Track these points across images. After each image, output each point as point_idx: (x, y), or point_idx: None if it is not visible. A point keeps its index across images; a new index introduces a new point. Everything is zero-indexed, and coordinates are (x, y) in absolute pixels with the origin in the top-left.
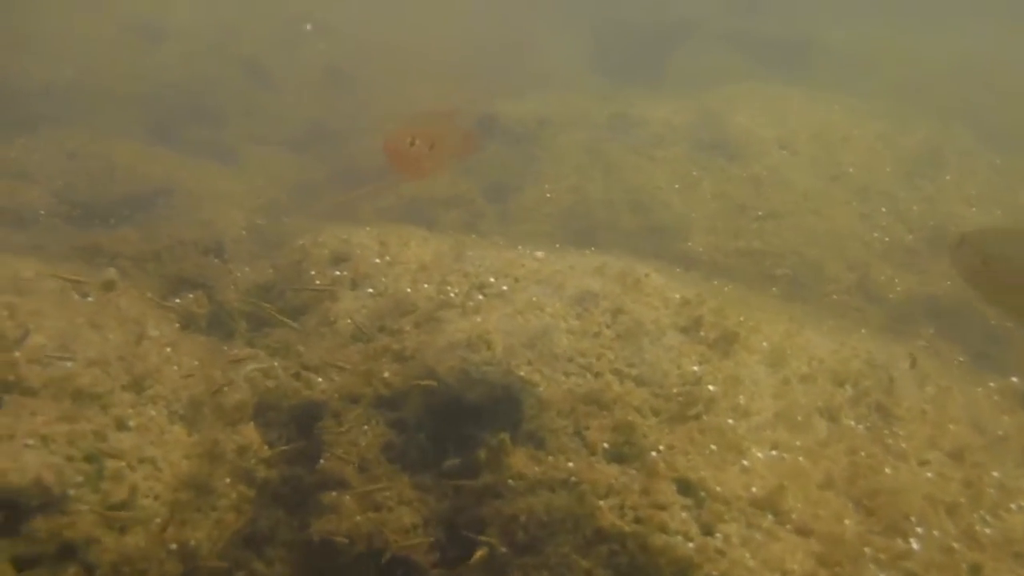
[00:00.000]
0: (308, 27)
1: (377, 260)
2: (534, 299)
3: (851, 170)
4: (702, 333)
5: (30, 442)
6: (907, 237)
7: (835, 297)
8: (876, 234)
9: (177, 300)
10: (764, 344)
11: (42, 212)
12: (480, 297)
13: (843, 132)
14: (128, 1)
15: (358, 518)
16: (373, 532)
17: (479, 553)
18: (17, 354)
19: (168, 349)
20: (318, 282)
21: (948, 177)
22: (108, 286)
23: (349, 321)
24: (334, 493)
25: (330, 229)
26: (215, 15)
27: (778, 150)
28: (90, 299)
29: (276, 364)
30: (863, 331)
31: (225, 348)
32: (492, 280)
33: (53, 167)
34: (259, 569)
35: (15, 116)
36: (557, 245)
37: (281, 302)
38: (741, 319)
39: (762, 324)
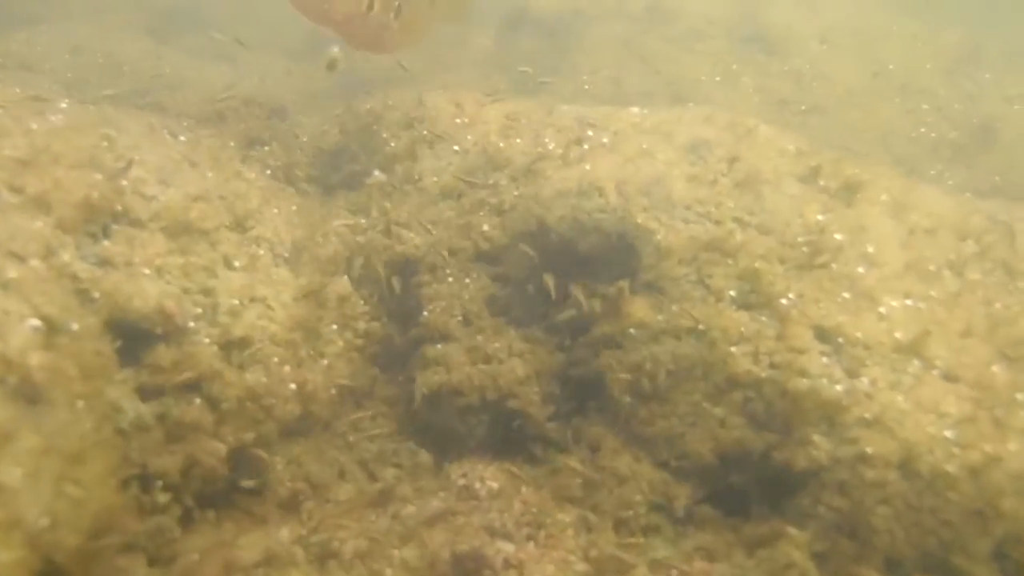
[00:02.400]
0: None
1: (457, 120)
2: (644, 147)
3: (891, 66)
4: (822, 183)
5: (146, 271)
6: (951, 133)
7: None
8: (922, 130)
9: (253, 153)
10: (884, 197)
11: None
12: (584, 147)
13: (882, 28)
14: None
15: (467, 370)
16: (485, 384)
17: None
18: (124, 182)
19: (264, 192)
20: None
21: (987, 75)
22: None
23: (435, 179)
24: (439, 346)
25: (398, 92)
26: None
27: (818, 44)
28: (182, 139)
29: (363, 221)
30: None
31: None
32: (590, 133)
33: (58, 61)
34: (363, 424)
35: (11, 14)
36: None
37: (355, 165)
38: (858, 170)
39: (880, 176)
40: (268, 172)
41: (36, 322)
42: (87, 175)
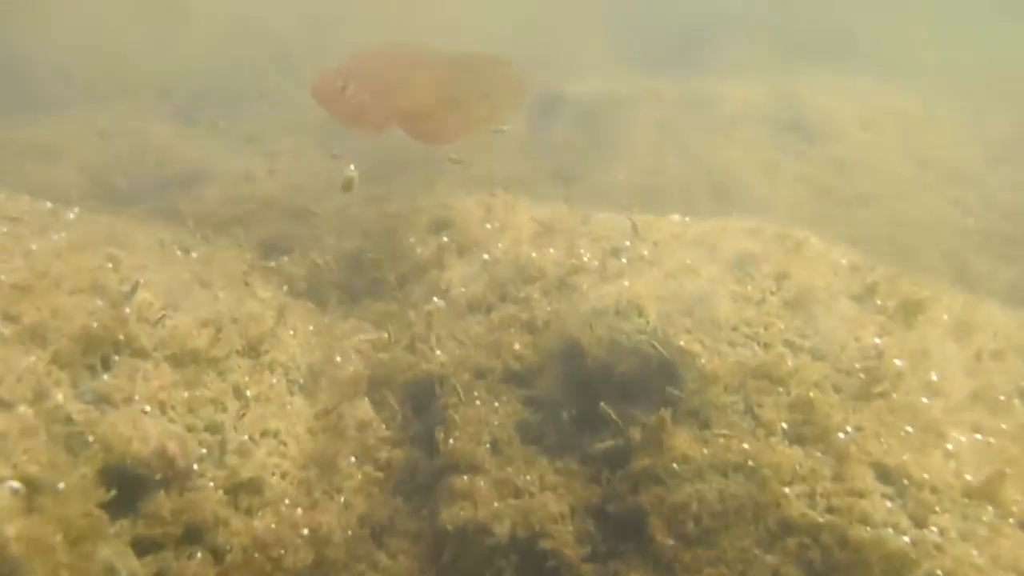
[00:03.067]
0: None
1: (487, 225)
2: (687, 262)
3: (937, 153)
4: (878, 302)
5: (148, 408)
6: (1001, 225)
7: None
8: (971, 221)
9: (272, 264)
10: (945, 316)
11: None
12: (621, 261)
13: (926, 113)
14: None
15: (496, 505)
16: (516, 520)
17: None
18: (127, 310)
19: (280, 310)
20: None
21: None
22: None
23: (463, 289)
24: (465, 477)
25: (425, 195)
26: (246, 5)
27: (860, 131)
28: (194, 255)
29: (386, 336)
30: None
31: (328, 318)
32: (628, 244)
33: (84, 146)
34: (382, 561)
35: (39, 98)
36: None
37: (379, 272)
38: (916, 288)
39: (940, 294)
40: (285, 288)
41: (15, 484)
42: (88, 301)
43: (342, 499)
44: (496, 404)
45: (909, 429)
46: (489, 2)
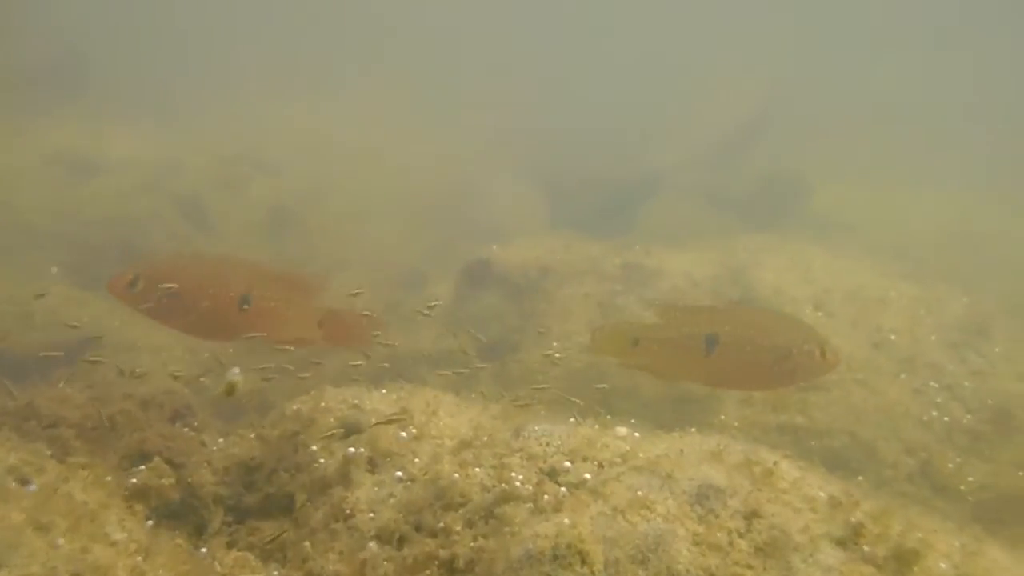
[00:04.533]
0: None
1: (402, 434)
2: (639, 494)
3: (893, 337)
4: (865, 548)
5: None
6: (965, 418)
7: (895, 486)
8: (934, 413)
9: (133, 480)
10: (943, 565)
11: None
12: (560, 489)
13: (877, 293)
14: (58, 133)
15: None
16: None
17: None
18: None
19: (139, 558)
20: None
21: (997, 349)
22: None
23: (372, 515)
24: None
25: (333, 391)
26: (153, 151)
27: (812, 311)
28: (33, 487)
29: (275, 574)
30: None
31: (204, 551)
32: (568, 464)
33: None
34: None
35: None
36: (633, 421)
37: (273, 487)
38: (906, 529)
39: (934, 536)
40: (150, 522)
41: None
42: None
43: None
44: None
45: None
46: (414, 163)
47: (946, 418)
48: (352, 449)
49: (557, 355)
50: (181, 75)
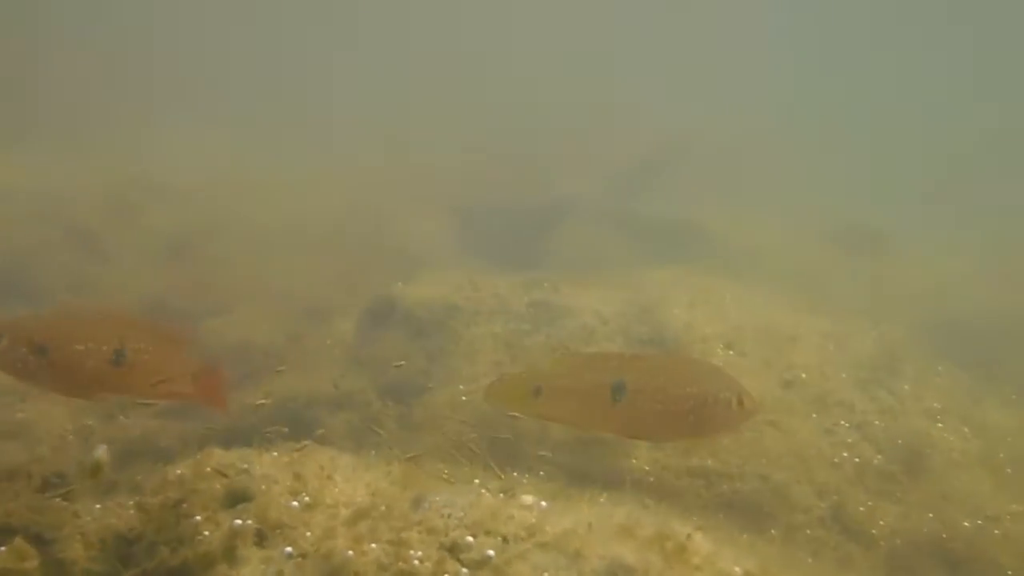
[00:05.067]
0: None
1: (293, 501)
2: (544, 575)
3: (804, 375)
4: None
5: None
6: (876, 458)
7: (808, 531)
8: (844, 454)
9: None
10: None
11: None
12: (462, 570)
13: (788, 330)
14: None
15: None
16: None
17: None
18: None
19: None
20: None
21: (906, 387)
22: None
23: None
24: None
25: (220, 453)
26: (41, 179)
27: (724, 350)
28: None
29: None
30: None
31: None
32: (471, 539)
33: None
34: None
35: None
36: (542, 472)
37: (151, 562)
38: None
39: None
40: None
41: None
42: None
43: None
44: None
45: None
46: (324, 194)
47: (857, 459)
48: (239, 521)
49: (463, 398)
50: (88, 97)
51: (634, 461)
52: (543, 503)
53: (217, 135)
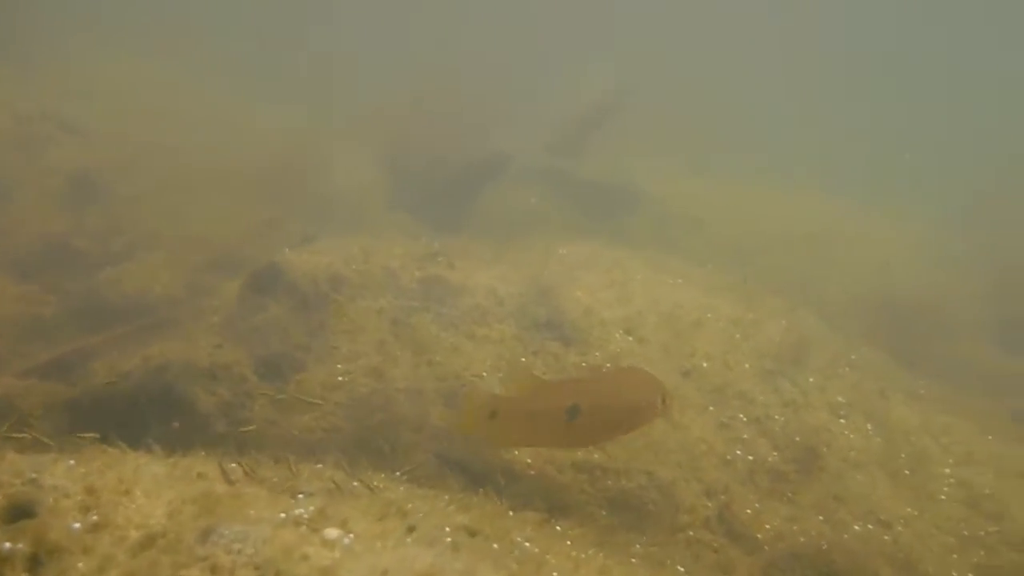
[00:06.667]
0: None
1: (77, 522)
2: None
3: (705, 364)
4: None
5: None
6: (771, 455)
7: (690, 533)
8: (738, 451)
9: None
10: None
11: None
12: None
13: (694, 315)
14: None
15: None
16: None
17: None
18: None
19: None
20: None
21: (811, 379)
22: None
23: None
24: None
25: (12, 457)
26: None
27: (623, 336)
28: None
29: None
30: None
31: None
32: None
33: None
34: None
35: None
36: (398, 474)
37: None
38: None
39: None
40: None
41: None
42: None
43: None
44: None
45: None
46: (253, 133)
47: (750, 456)
48: (8, 544)
49: (340, 378)
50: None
51: (516, 453)
52: (349, 537)
53: (153, 67)
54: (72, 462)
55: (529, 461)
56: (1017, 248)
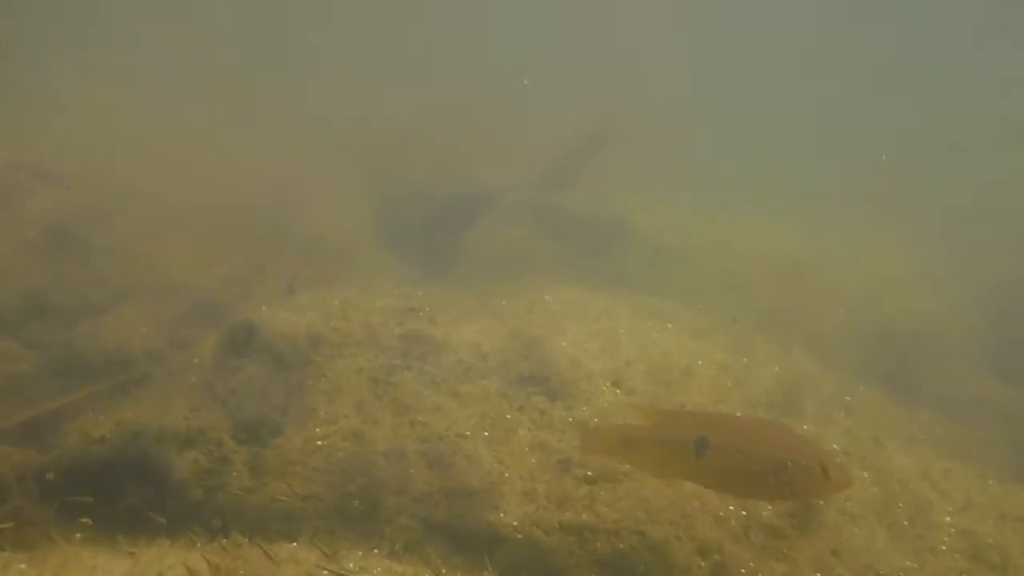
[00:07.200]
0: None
1: None
2: None
3: None
4: None
5: None
6: (766, 510)
7: None
8: (731, 507)
9: None
10: None
11: None
12: None
13: (684, 362)
14: None
15: None
16: None
17: None
18: None
19: None
20: None
21: (805, 427)
22: None
23: None
24: None
25: None
26: None
27: (610, 388)
28: None
29: None
30: None
31: None
32: None
33: None
34: None
35: None
36: (387, 531)
37: None
38: None
39: None
40: None
41: None
42: None
43: None
44: None
45: None
46: (233, 168)
47: (744, 512)
48: None
49: (319, 442)
50: None
51: (502, 515)
52: None
53: (129, 96)
54: (23, 566)
55: (515, 524)
56: (1001, 264)
